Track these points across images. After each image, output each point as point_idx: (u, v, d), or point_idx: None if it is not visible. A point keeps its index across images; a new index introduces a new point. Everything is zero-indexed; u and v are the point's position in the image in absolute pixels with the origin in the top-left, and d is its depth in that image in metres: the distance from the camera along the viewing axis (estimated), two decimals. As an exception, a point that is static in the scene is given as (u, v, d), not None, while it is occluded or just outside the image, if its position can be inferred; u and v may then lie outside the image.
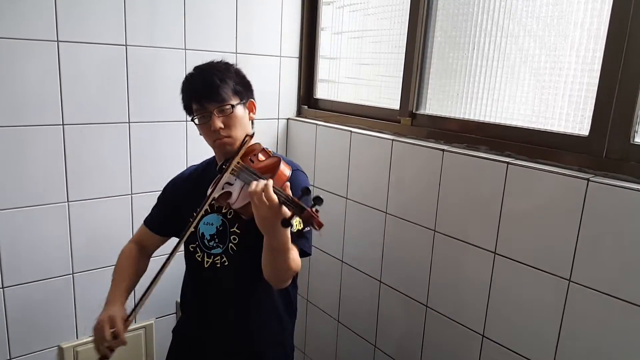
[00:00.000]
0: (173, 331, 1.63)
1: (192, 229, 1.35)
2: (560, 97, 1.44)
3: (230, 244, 1.41)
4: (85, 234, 1.89)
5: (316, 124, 2.19)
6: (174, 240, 1.46)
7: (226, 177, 1.29)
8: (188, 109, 1.42)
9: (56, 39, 1.70)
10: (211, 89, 1.33)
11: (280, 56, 2.29)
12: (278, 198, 1.10)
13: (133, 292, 1.52)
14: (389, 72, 2.00)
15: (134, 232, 2.00)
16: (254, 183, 1.13)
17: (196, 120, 1.38)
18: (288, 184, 1.20)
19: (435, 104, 1.82)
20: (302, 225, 1.10)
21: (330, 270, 2.18)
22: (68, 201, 1.83)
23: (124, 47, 1.85)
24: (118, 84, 1.86)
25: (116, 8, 1.80)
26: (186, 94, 1.41)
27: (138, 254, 1.54)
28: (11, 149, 1.69)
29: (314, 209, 1.07)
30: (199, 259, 1.45)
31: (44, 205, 1.79)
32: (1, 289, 1.77)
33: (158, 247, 1.58)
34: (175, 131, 2.03)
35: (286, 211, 1.10)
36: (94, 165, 1.87)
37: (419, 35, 1.79)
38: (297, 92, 2.40)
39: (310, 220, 1.07)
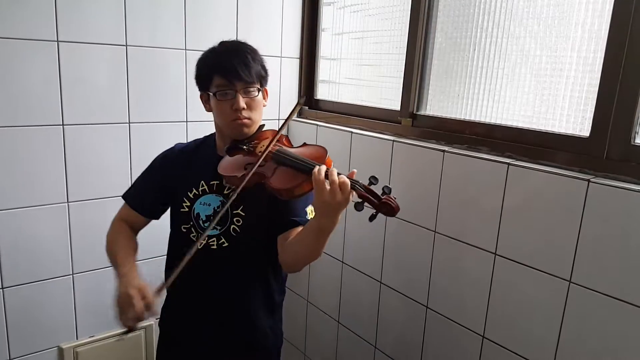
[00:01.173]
0: (159, 324, 1.58)
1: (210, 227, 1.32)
2: (561, 98, 1.44)
3: (233, 226, 1.38)
4: (85, 234, 1.89)
5: (317, 125, 2.19)
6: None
7: (256, 158, 1.27)
8: (206, 82, 1.36)
9: (56, 39, 1.70)
10: (244, 67, 1.31)
11: (281, 57, 2.29)
12: (352, 185, 1.12)
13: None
14: (389, 72, 2.00)
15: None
16: (324, 167, 1.13)
17: (217, 96, 1.33)
18: None
19: (435, 105, 1.82)
20: (374, 211, 1.14)
21: (330, 271, 2.18)
22: (68, 201, 1.83)
23: (125, 47, 1.85)
24: (118, 84, 1.87)
25: (117, 8, 1.81)
26: (210, 67, 1.35)
27: (131, 231, 1.49)
28: (11, 149, 1.69)
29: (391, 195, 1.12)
30: (194, 239, 1.40)
31: (44, 206, 1.79)
32: (1, 290, 1.77)
33: (143, 226, 1.52)
34: (176, 131, 2.03)
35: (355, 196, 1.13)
36: (94, 166, 1.87)
37: (419, 36, 1.79)
38: (297, 93, 2.40)
39: (388, 205, 1.12)
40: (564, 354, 1.34)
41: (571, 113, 1.42)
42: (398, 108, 1.90)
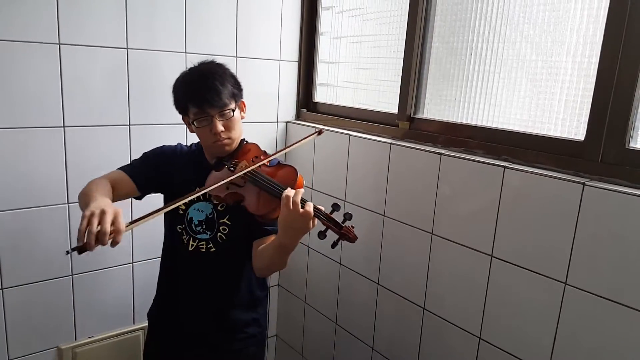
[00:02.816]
0: (148, 315, 1.69)
1: (179, 208, 1.45)
2: (557, 102, 1.45)
3: (219, 233, 1.51)
4: (84, 235, 1.90)
5: (315, 128, 2.20)
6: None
7: (233, 178, 1.37)
8: (184, 109, 1.46)
9: (58, 42, 1.71)
10: (214, 95, 1.38)
11: (280, 60, 2.31)
12: (315, 213, 1.23)
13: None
14: (387, 76, 2.02)
15: (134, 234, 2.02)
16: (292, 192, 1.24)
17: (195, 124, 1.42)
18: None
19: (432, 109, 1.83)
20: (337, 238, 1.26)
21: (328, 272, 2.19)
22: (68, 203, 1.84)
23: (125, 50, 1.86)
24: (119, 87, 1.88)
25: (117, 11, 1.82)
26: (184, 97, 1.44)
27: (111, 189, 1.41)
28: (12, 151, 1.70)
29: (349, 225, 1.26)
30: (185, 241, 1.52)
31: (44, 207, 1.79)
32: (0, 290, 1.77)
33: (122, 198, 1.47)
34: (176, 134, 2.03)
35: (318, 223, 1.26)
36: (94, 168, 1.86)
37: (417, 40, 1.81)
38: (296, 96, 2.41)
39: (347, 235, 1.25)
40: (559, 356, 1.36)
41: (566, 117, 1.43)
42: (395, 111, 1.92)
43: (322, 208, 1.27)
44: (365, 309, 2.00)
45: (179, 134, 2.04)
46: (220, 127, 1.40)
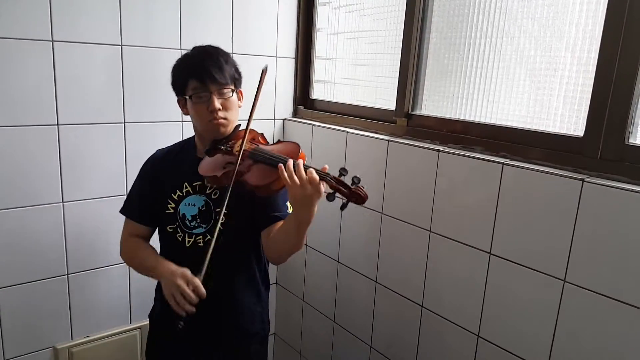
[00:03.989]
0: (149, 316, 1.65)
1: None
2: (556, 97, 1.44)
3: (217, 223, 1.43)
4: (80, 234, 1.88)
5: (312, 125, 2.19)
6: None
7: (234, 157, 1.33)
8: (182, 86, 1.43)
9: (51, 39, 1.69)
10: (217, 69, 1.36)
11: (277, 56, 2.29)
12: (321, 176, 1.20)
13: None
14: (384, 73, 2.00)
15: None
16: (291, 161, 1.21)
17: (192, 99, 1.39)
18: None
19: (430, 105, 1.82)
20: (345, 200, 1.21)
21: (326, 270, 2.18)
22: (63, 201, 1.82)
23: (120, 47, 1.84)
24: (113, 84, 1.86)
25: (112, 8, 1.80)
26: (185, 71, 1.42)
27: (142, 240, 1.55)
28: (5, 149, 1.68)
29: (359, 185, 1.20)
30: (180, 239, 1.47)
31: (38, 206, 1.78)
32: (-5, 290, 1.76)
33: (151, 236, 1.58)
34: (171, 131, 2.02)
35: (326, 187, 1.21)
36: (89, 166, 1.86)
37: (414, 36, 1.79)
38: (293, 93, 2.40)
39: (357, 193, 1.20)
40: (558, 353, 1.35)
41: (565, 113, 1.42)
42: (393, 108, 1.91)
43: (328, 170, 1.23)
44: (364, 307, 1.99)
45: (174, 131, 2.03)
46: (218, 105, 1.37)
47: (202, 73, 1.36)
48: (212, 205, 1.45)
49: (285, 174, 1.20)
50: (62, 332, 1.93)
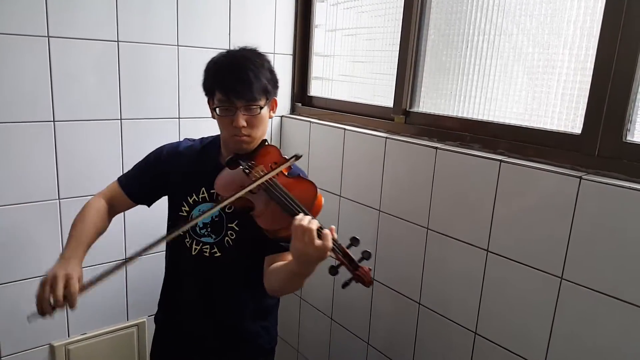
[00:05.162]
0: (155, 320, 1.60)
1: (186, 228, 1.32)
2: (553, 95, 1.44)
3: (227, 238, 1.39)
4: (76, 231, 1.88)
5: (310, 122, 2.19)
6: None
7: (249, 187, 1.23)
8: (209, 92, 1.34)
9: (47, 35, 1.68)
10: (243, 86, 1.26)
11: (274, 53, 2.28)
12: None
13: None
14: (382, 69, 2.00)
15: (127, 230, 2.00)
16: (306, 219, 1.10)
17: (217, 111, 1.31)
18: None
19: (428, 102, 1.82)
20: (349, 278, 1.12)
21: (323, 268, 2.17)
22: (59, 198, 1.82)
23: (116, 43, 1.83)
24: (110, 81, 1.85)
25: (108, 4, 1.79)
26: (213, 81, 1.32)
27: (106, 212, 1.44)
28: (1, 146, 1.67)
29: (366, 267, 1.10)
30: (187, 244, 1.41)
31: (34, 203, 1.77)
32: (-9, 287, 1.76)
33: (126, 209, 1.51)
34: (168, 128, 2.02)
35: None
36: (85, 163, 1.85)
37: (412, 33, 1.79)
38: (291, 90, 2.39)
39: (362, 279, 1.11)
40: (555, 350, 1.35)
41: (563, 110, 1.42)
42: (391, 105, 1.90)
43: (336, 237, 1.13)
44: (361, 305, 1.99)
45: (171, 128, 2.02)
46: (243, 122, 1.27)
47: (228, 87, 1.27)
48: (224, 218, 1.39)
49: (299, 230, 1.08)
50: (58, 330, 1.92)
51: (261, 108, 1.30)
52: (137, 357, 2.13)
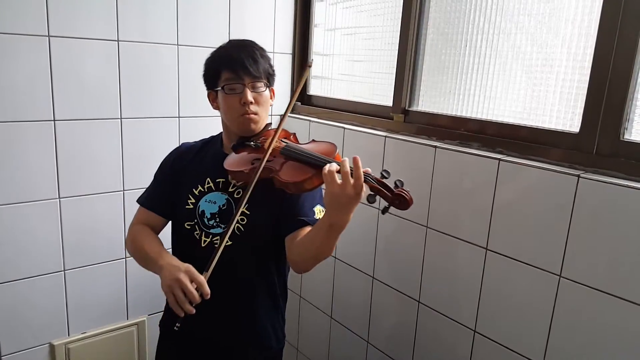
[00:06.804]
0: (160, 324, 1.57)
1: (232, 225, 1.29)
2: (552, 94, 1.45)
3: (237, 225, 1.35)
4: (76, 230, 1.88)
5: (309, 121, 2.19)
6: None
7: (264, 153, 1.26)
8: (214, 78, 1.38)
9: (47, 34, 1.69)
10: (252, 61, 1.34)
11: (274, 52, 2.29)
12: (364, 177, 1.10)
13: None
14: (381, 69, 2.00)
15: (127, 229, 2.00)
16: (334, 165, 1.11)
17: (225, 89, 1.34)
18: None
19: (427, 101, 1.82)
20: (387, 204, 1.13)
21: (323, 267, 2.18)
22: (59, 197, 1.82)
23: (116, 42, 1.84)
24: (110, 80, 1.85)
25: (108, 3, 1.79)
26: (218, 62, 1.38)
27: (150, 229, 1.46)
28: (1, 145, 1.68)
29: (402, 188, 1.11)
30: (197, 237, 1.39)
31: (35, 202, 1.78)
32: (-8, 286, 1.76)
33: (161, 229, 1.50)
34: (168, 127, 2.02)
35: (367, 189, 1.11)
36: (85, 162, 1.86)
37: (411, 32, 1.79)
38: (290, 89, 2.39)
39: (402, 196, 1.11)
40: (554, 348, 1.36)
41: (561, 109, 1.43)
42: (390, 104, 1.91)
43: (370, 171, 1.13)
44: (361, 303, 2.00)
45: (171, 127, 2.03)
46: (251, 98, 1.32)
47: (237, 64, 1.33)
48: (233, 205, 1.36)
49: (330, 171, 1.10)
50: (58, 329, 1.92)
51: (266, 87, 1.37)
52: (137, 356, 2.14)
